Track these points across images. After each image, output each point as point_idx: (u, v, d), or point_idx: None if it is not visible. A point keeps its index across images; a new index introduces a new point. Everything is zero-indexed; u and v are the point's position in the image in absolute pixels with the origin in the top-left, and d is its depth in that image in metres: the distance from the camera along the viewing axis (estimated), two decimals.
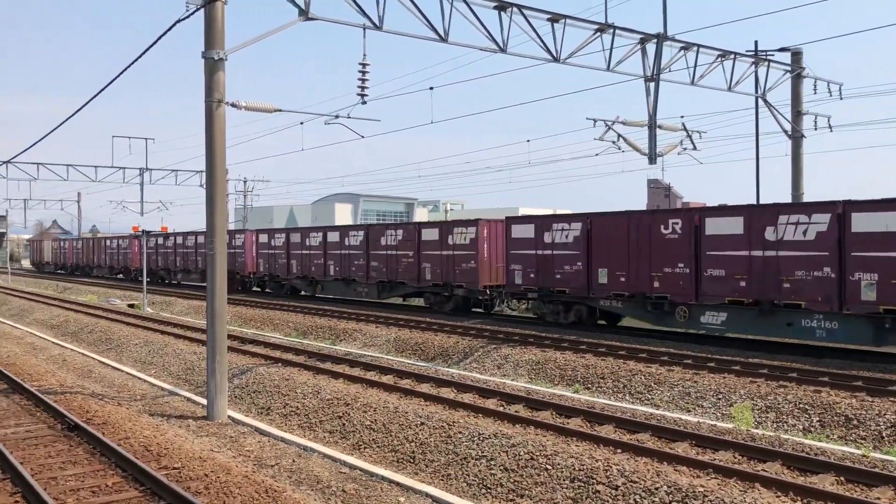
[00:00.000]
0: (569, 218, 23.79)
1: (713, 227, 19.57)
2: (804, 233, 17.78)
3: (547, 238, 23.81)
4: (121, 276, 58.64)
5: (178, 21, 13.42)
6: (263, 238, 40.89)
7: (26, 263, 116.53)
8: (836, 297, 17.17)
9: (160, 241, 50.52)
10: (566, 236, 23.30)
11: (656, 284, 20.76)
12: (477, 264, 27.32)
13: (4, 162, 41.12)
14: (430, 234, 29.77)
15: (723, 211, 19.71)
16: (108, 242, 59.82)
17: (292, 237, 39.18)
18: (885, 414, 12.55)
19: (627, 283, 21.52)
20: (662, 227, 20.66)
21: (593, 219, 22.72)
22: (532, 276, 24.23)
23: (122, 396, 15.83)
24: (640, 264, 21.13)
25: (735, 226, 19.11)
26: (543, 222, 24.25)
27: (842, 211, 17.12)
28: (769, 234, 18.34)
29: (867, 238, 16.70)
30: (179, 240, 48.58)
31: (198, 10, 13.49)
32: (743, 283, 18.84)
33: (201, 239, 43.90)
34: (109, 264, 59.24)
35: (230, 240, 43.26)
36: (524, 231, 24.61)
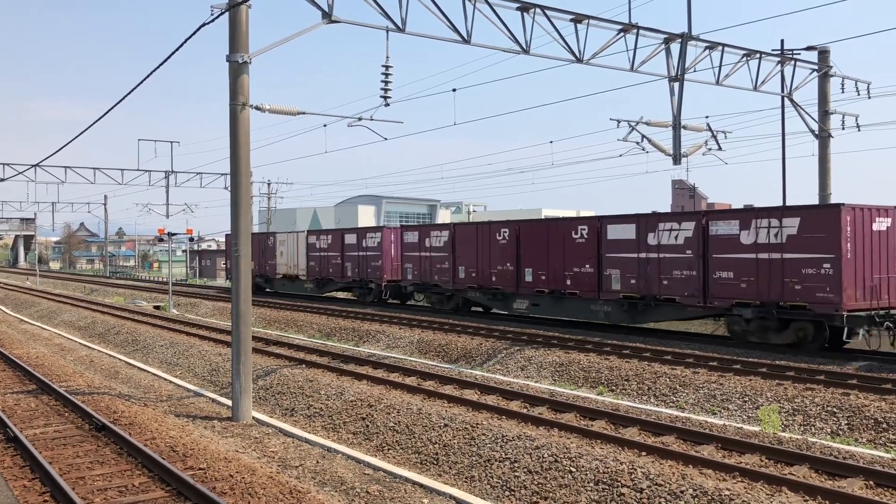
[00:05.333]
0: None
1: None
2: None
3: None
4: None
5: (203, 25, 13.53)
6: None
7: (54, 265, 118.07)
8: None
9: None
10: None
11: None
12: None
13: (33, 165, 41.77)
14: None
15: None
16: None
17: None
18: None
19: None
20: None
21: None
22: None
23: (148, 397, 15.99)
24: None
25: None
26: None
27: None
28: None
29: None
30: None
31: (222, 13, 13.59)
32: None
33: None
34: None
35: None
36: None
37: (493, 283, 26.57)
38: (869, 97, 25.83)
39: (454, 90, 23.00)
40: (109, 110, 17.17)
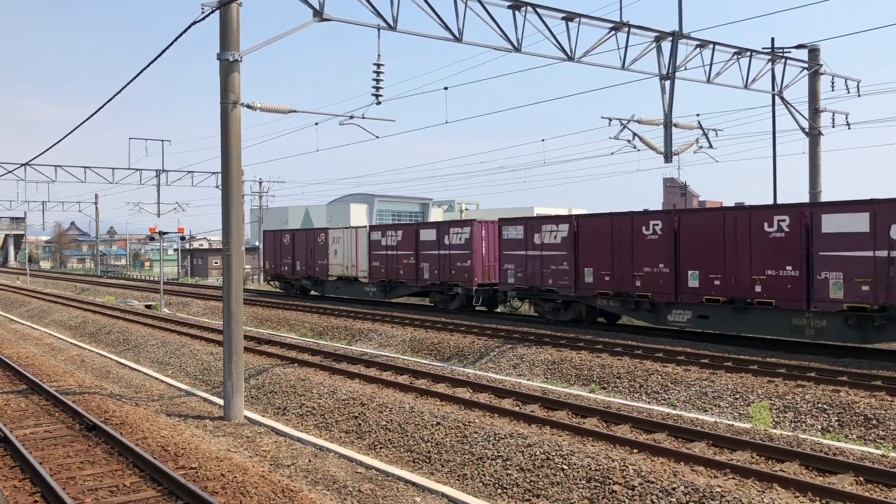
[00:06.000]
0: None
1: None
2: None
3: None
4: None
5: (194, 23, 13.50)
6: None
7: (45, 265, 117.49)
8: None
9: None
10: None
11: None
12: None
13: (23, 164, 41.53)
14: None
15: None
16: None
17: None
18: None
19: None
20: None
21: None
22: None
23: (139, 397, 15.94)
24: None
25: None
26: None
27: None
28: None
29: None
30: None
31: (213, 11, 13.56)
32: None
33: None
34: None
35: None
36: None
37: (638, 289, 21.75)
38: (859, 95, 25.95)
39: (446, 88, 22.86)
40: (99, 109, 17.10)
